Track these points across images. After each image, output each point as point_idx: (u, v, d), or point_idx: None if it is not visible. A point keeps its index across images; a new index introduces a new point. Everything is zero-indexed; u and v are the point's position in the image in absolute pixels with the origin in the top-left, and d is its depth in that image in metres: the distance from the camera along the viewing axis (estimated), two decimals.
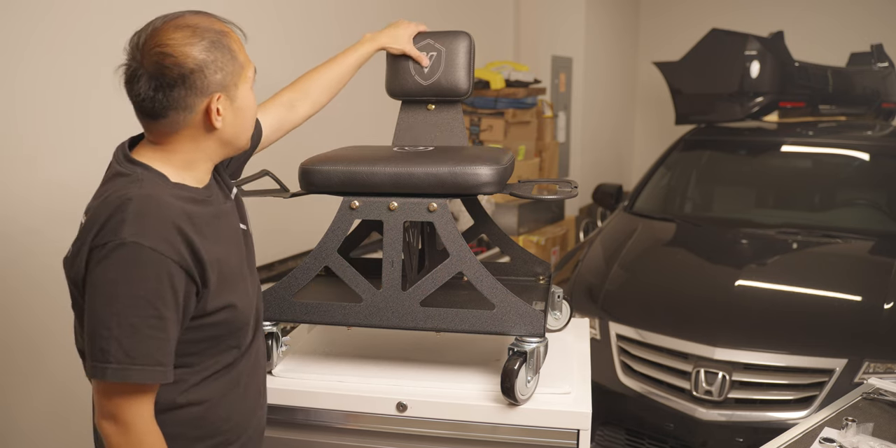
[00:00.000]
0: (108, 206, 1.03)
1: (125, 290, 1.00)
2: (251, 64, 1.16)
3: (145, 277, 1.00)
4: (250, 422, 1.25)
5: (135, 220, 1.01)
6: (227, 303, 1.12)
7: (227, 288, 1.13)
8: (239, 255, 1.20)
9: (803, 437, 1.47)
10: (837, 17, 6.94)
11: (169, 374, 1.05)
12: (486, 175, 1.40)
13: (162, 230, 1.02)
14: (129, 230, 1.00)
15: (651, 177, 3.84)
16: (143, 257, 1.00)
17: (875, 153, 3.56)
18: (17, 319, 2.04)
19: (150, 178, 1.08)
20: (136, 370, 1.01)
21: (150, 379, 1.02)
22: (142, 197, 1.03)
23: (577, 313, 2.64)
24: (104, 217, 1.02)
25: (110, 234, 1.00)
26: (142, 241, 1.00)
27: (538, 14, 5.43)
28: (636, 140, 8.29)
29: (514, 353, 1.39)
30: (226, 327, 1.14)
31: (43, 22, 2.05)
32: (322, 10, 3.33)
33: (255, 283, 1.30)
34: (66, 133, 2.15)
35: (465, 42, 1.68)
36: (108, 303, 1.00)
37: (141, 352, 1.01)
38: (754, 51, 3.95)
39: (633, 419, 2.48)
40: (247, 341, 1.22)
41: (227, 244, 1.16)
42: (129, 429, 1.03)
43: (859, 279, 2.78)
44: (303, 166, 1.48)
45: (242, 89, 1.13)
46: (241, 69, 1.12)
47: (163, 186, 1.08)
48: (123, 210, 1.01)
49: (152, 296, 1.01)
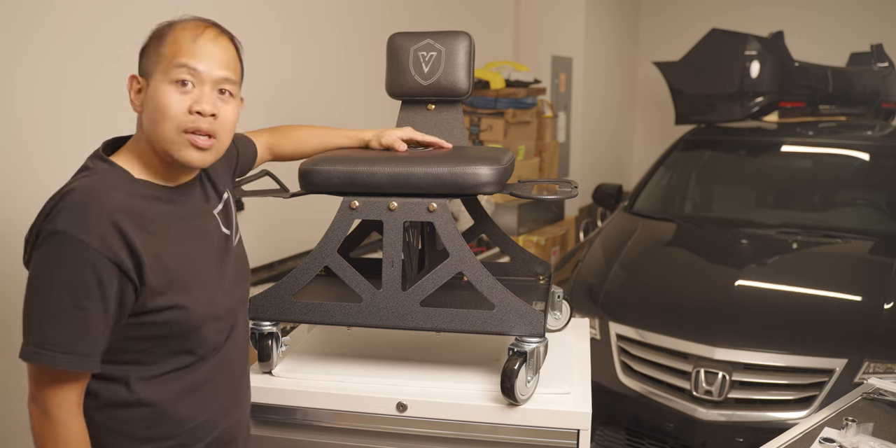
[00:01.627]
0: (54, 196, 1.06)
1: (50, 278, 1.02)
2: (176, 60, 1.09)
3: (70, 267, 1.02)
4: (215, 427, 1.23)
5: (71, 211, 1.03)
6: (172, 303, 1.10)
7: (175, 288, 1.11)
8: (207, 258, 1.19)
9: (803, 437, 1.47)
10: (837, 17, 6.94)
11: (86, 364, 1.04)
12: (486, 175, 1.40)
13: (95, 222, 1.03)
14: (62, 220, 1.02)
15: (651, 177, 3.84)
16: (70, 247, 1.01)
17: (875, 153, 3.56)
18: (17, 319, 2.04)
19: (107, 172, 1.10)
20: (49, 355, 1.02)
21: (62, 365, 1.03)
22: (83, 188, 1.05)
23: (577, 313, 2.64)
24: (49, 207, 1.05)
25: (48, 223, 1.03)
26: (71, 232, 1.01)
27: (538, 14, 5.43)
28: (636, 140, 8.28)
29: (514, 353, 1.39)
30: (170, 328, 1.12)
31: (42, 22, 2.05)
32: (322, 10, 3.33)
33: (242, 290, 1.28)
34: (66, 133, 2.15)
35: (465, 42, 1.68)
36: (36, 289, 1.03)
37: (57, 339, 1.02)
38: (754, 51, 3.95)
39: (633, 419, 2.48)
40: (207, 348, 1.19)
41: (185, 244, 1.14)
42: (49, 415, 1.06)
43: (859, 279, 2.78)
44: (303, 166, 1.48)
45: (156, 79, 1.10)
46: (161, 60, 1.10)
47: (116, 181, 1.09)
48: (63, 200, 1.04)
49: (75, 286, 1.02)
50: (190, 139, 1.10)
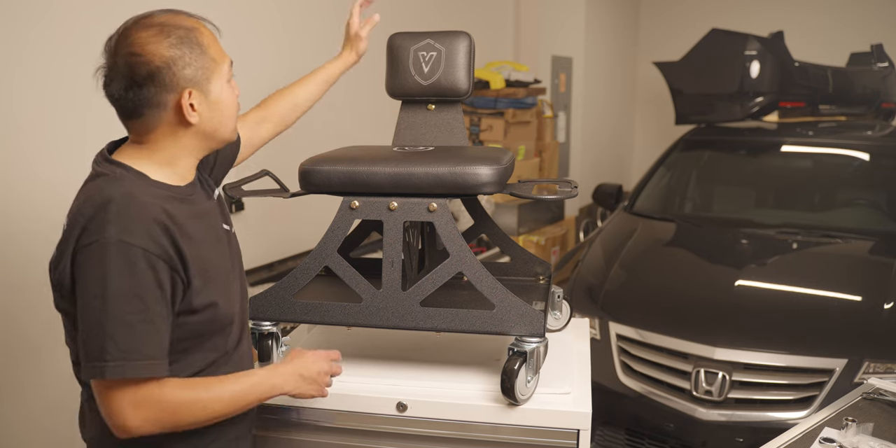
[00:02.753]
0: (90, 206, 1.05)
1: (115, 288, 1.01)
2: (226, 58, 1.15)
3: (133, 274, 1.02)
4: (227, 424, 1.23)
5: (118, 219, 1.02)
6: (210, 301, 1.13)
7: (210, 286, 1.13)
8: (222, 255, 1.21)
9: (803, 437, 1.47)
10: (837, 17, 6.94)
11: (164, 368, 1.06)
12: (486, 175, 1.40)
13: (146, 227, 1.03)
14: (113, 229, 1.02)
15: (651, 177, 3.84)
16: (130, 255, 1.02)
17: (875, 153, 3.56)
18: (18, 319, 2.05)
19: (129, 177, 1.10)
20: (133, 366, 1.02)
21: (146, 373, 1.03)
22: (123, 196, 1.05)
23: (577, 313, 2.64)
24: (87, 218, 1.04)
25: (95, 234, 1.02)
26: (127, 239, 1.02)
27: (538, 14, 5.43)
28: (636, 140, 8.29)
29: (514, 353, 1.39)
30: (209, 326, 1.15)
31: (42, 22, 2.05)
32: (322, 10, 3.33)
33: (242, 285, 1.30)
34: (66, 134, 2.15)
35: (465, 42, 1.68)
36: (101, 302, 1.01)
37: (136, 347, 1.02)
38: (754, 51, 3.94)
39: (633, 419, 2.48)
40: (231, 344, 1.22)
41: (208, 244, 1.17)
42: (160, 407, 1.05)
43: (859, 279, 2.78)
44: (303, 166, 1.48)
45: (216, 83, 1.12)
46: (213, 63, 1.12)
47: (142, 185, 1.10)
48: (106, 210, 1.03)
49: (142, 292, 1.02)
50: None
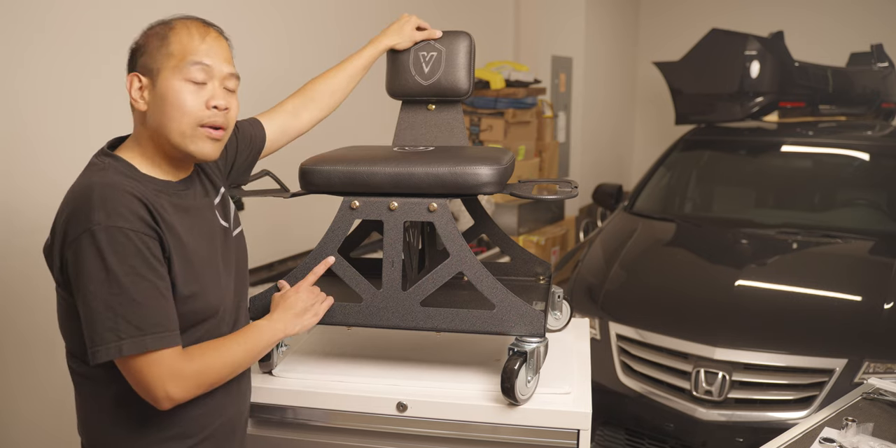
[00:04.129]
0: (73, 195, 1.09)
1: (117, 271, 1.04)
2: (191, 59, 1.14)
3: (131, 254, 1.05)
4: (219, 416, 1.25)
5: (102, 205, 1.05)
6: (192, 292, 1.15)
7: (193, 278, 1.15)
8: (211, 250, 1.22)
9: (803, 437, 1.47)
10: (837, 17, 6.94)
11: (178, 338, 1.09)
12: (486, 175, 1.40)
13: (130, 208, 1.06)
14: (99, 215, 1.04)
15: (651, 177, 3.84)
16: (122, 238, 1.04)
17: (875, 153, 3.56)
18: (17, 319, 2.05)
19: (116, 166, 1.14)
20: (152, 338, 1.05)
21: (167, 343, 1.07)
22: (103, 183, 1.08)
23: (577, 313, 2.64)
24: (71, 206, 1.07)
25: (84, 222, 1.04)
26: (116, 224, 1.04)
27: (538, 14, 5.43)
28: (636, 140, 8.29)
29: (514, 353, 1.39)
30: (192, 318, 1.16)
31: (45, 22, 2.05)
32: (322, 10, 3.33)
33: (241, 284, 1.31)
34: (68, 132, 2.16)
35: (466, 42, 1.68)
36: (106, 285, 1.04)
37: (151, 322, 1.05)
38: (754, 51, 3.95)
39: (633, 419, 2.48)
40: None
41: (193, 236, 1.18)
42: (185, 377, 1.09)
43: (859, 279, 2.78)
44: (303, 166, 1.48)
45: (165, 76, 1.13)
46: (169, 58, 1.14)
47: (125, 175, 1.13)
48: (89, 197, 1.06)
49: (142, 268, 1.05)
50: (206, 133, 1.16)
